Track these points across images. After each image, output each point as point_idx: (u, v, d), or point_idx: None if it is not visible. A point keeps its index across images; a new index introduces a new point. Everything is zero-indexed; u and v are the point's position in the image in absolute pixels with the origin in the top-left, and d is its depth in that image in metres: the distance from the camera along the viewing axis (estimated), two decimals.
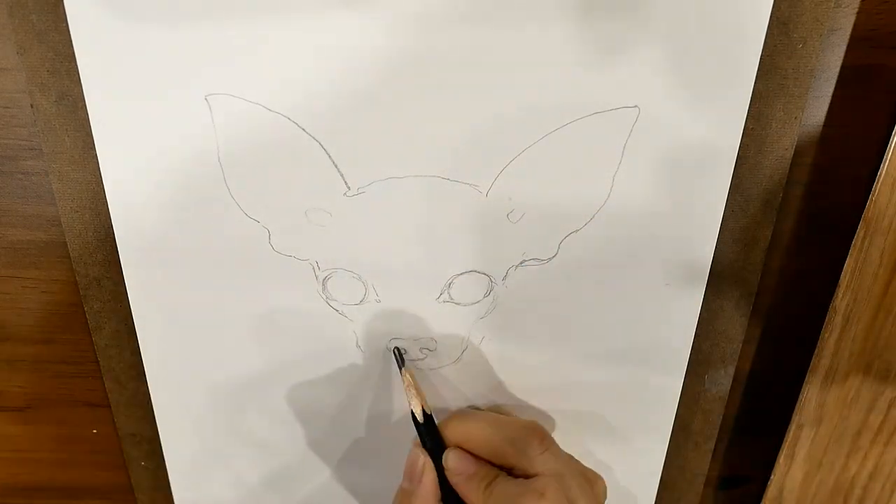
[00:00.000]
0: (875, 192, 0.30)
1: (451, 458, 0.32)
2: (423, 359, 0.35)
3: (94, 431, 0.39)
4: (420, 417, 0.33)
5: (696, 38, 0.27)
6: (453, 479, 0.32)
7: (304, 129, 0.29)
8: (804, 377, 0.35)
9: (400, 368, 0.34)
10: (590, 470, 0.33)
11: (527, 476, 0.31)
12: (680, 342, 0.35)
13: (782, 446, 0.37)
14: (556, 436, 0.37)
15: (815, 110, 0.30)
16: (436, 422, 0.33)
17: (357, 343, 0.34)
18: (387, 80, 0.28)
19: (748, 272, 0.33)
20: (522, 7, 0.27)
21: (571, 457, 0.33)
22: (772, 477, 0.38)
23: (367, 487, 0.40)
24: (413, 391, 0.33)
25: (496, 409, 0.37)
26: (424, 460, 0.32)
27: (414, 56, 0.27)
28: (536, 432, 0.32)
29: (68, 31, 0.27)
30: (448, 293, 0.33)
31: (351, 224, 0.31)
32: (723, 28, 0.27)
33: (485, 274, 0.33)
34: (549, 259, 0.32)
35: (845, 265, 0.32)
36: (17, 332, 0.36)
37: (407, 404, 0.33)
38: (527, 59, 0.27)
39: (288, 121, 0.29)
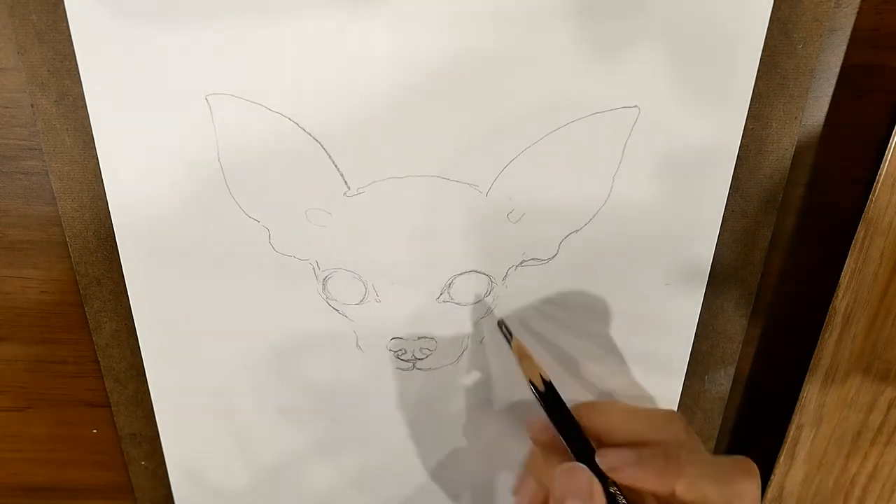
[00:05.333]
0: (875, 192, 0.30)
1: (610, 456, 0.28)
2: (423, 359, 0.35)
3: (94, 431, 0.39)
4: (541, 387, 0.30)
5: (696, 38, 0.27)
6: (620, 476, 0.27)
7: (304, 129, 0.29)
8: (804, 377, 0.35)
9: (509, 341, 0.32)
10: None
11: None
12: (680, 342, 0.35)
13: (782, 446, 0.37)
14: None
15: (815, 110, 0.30)
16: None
17: (357, 343, 0.34)
18: (387, 81, 0.28)
19: (748, 272, 0.33)
20: (522, 7, 0.27)
21: None
22: (772, 477, 0.38)
23: (368, 487, 0.40)
24: (529, 361, 0.30)
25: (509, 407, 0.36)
26: (588, 476, 0.27)
27: (414, 56, 0.27)
28: (680, 419, 0.29)
29: (68, 31, 0.27)
30: (448, 293, 0.33)
31: (351, 224, 0.31)
32: (723, 28, 0.27)
33: (485, 274, 0.33)
34: (549, 259, 0.32)
35: (845, 265, 0.32)
36: (17, 332, 0.36)
37: (408, 404, 0.33)
38: (527, 59, 0.27)
39: (288, 121, 0.29)
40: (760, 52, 0.28)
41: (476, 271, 0.32)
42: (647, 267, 0.33)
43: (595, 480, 0.27)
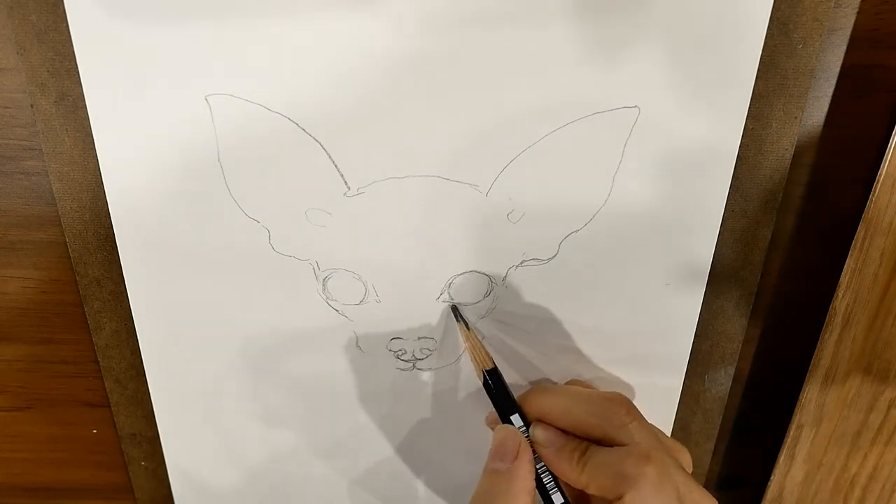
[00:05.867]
0: (875, 192, 0.30)
1: (538, 432, 0.30)
2: (423, 359, 0.35)
3: (94, 431, 0.39)
4: (482, 379, 0.31)
5: (696, 39, 0.27)
6: (542, 452, 0.30)
7: (304, 130, 0.29)
8: (804, 377, 0.35)
9: (464, 326, 0.32)
10: (675, 441, 0.32)
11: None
12: (680, 342, 0.35)
13: (782, 446, 0.37)
14: None
15: (815, 110, 0.30)
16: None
17: (357, 343, 0.34)
18: (387, 81, 0.28)
19: (748, 272, 0.33)
20: (522, 7, 0.27)
21: (656, 427, 0.31)
22: (772, 477, 0.38)
23: (368, 487, 0.40)
24: (478, 353, 0.31)
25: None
26: (519, 437, 0.30)
27: (414, 56, 0.27)
28: (621, 403, 0.30)
29: (68, 31, 0.27)
30: (448, 293, 0.33)
31: (351, 224, 0.31)
32: (723, 28, 0.27)
33: (485, 274, 0.33)
34: (549, 259, 0.32)
35: (845, 265, 0.32)
36: (17, 332, 0.36)
37: (407, 404, 0.33)
38: (527, 59, 0.27)
39: (288, 121, 0.29)
40: (760, 52, 0.28)
41: (476, 271, 0.32)
42: (647, 267, 0.33)
43: (526, 445, 0.29)
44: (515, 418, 0.31)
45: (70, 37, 0.27)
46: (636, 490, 0.26)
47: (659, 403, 0.37)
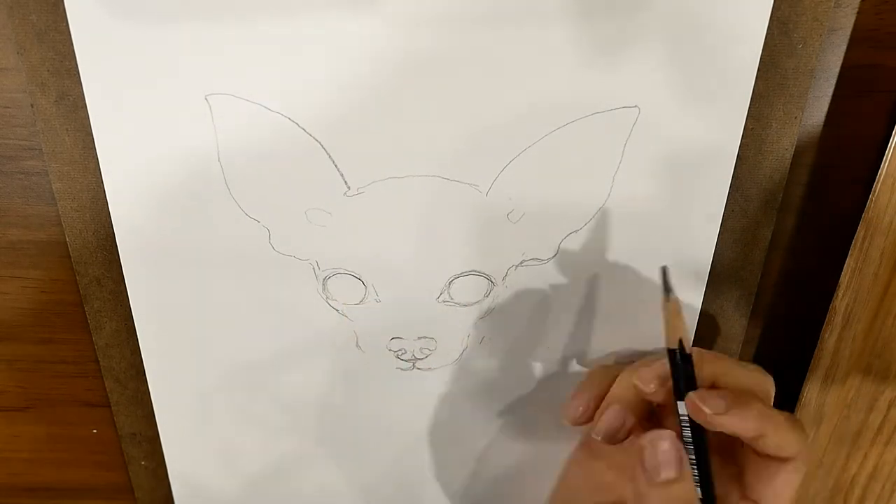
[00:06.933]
0: (875, 192, 0.30)
1: (714, 396, 0.28)
2: (423, 359, 0.35)
3: (94, 431, 0.39)
4: (688, 349, 0.29)
5: (696, 38, 0.27)
6: (722, 420, 0.27)
7: (304, 129, 0.29)
8: (804, 377, 0.35)
9: (668, 293, 0.29)
10: None
11: None
12: None
13: None
14: (557, 436, 0.38)
15: (815, 110, 0.30)
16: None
17: (357, 343, 0.34)
18: (387, 80, 0.28)
19: (748, 272, 0.33)
20: (522, 7, 0.27)
21: None
22: None
23: (368, 487, 0.40)
24: (676, 320, 0.29)
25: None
26: (676, 440, 0.28)
27: (414, 56, 0.27)
28: (767, 374, 0.29)
29: (68, 31, 0.27)
30: (448, 293, 0.33)
31: (351, 224, 0.31)
32: (723, 28, 0.27)
33: (485, 274, 0.33)
34: (549, 259, 0.32)
35: (845, 265, 0.32)
36: (17, 332, 0.36)
37: (408, 404, 0.33)
38: (527, 59, 0.27)
39: (288, 121, 0.29)
40: (760, 51, 0.28)
41: (476, 271, 0.32)
42: (647, 267, 0.33)
43: (681, 449, 0.28)
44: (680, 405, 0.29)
45: (70, 36, 0.27)
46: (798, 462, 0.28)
47: None
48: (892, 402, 0.35)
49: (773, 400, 0.29)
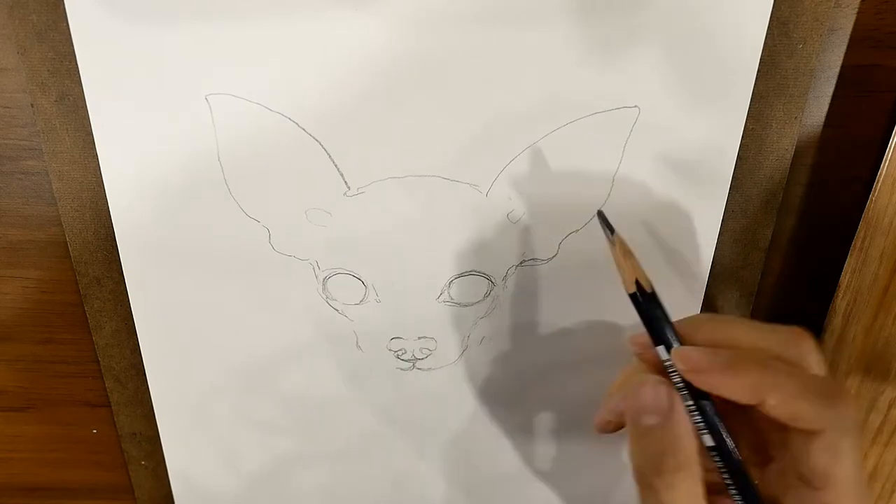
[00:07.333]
0: (875, 192, 0.30)
1: (697, 355, 0.25)
2: (423, 359, 0.35)
3: (94, 431, 0.39)
4: (648, 288, 0.26)
5: (696, 38, 0.27)
6: (703, 378, 0.24)
7: (304, 129, 0.29)
8: None
9: (610, 233, 0.27)
10: None
11: None
12: None
13: None
14: (557, 436, 0.38)
15: (815, 110, 0.30)
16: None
17: (357, 343, 0.34)
18: (387, 80, 0.28)
19: (748, 272, 0.33)
20: (522, 7, 0.27)
21: None
22: None
23: (368, 487, 0.40)
24: (626, 261, 0.27)
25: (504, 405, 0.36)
26: (666, 384, 0.25)
27: (414, 56, 0.27)
28: (810, 338, 0.25)
29: (68, 31, 0.27)
30: (448, 293, 0.33)
31: (351, 224, 0.31)
32: (723, 28, 0.27)
33: (485, 274, 0.33)
34: (549, 259, 0.32)
35: (845, 265, 0.32)
36: (17, 332, 0.36)
37: (408, 404, 0.33)
38: (527, 59, 0.27)
39: (288, 121, 0.29)
40: (760, 51, 0.28)
41: (476, 271, 0.32)
42: (646, 267, 0.32)
43: (676, 397, 0.25)
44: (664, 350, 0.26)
45: (70, 36, 0.27)
46: (843, 425, 0.23)
47: None
48: (892, 402, 0.35)
49: (814, 365, 0.25)
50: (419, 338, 0.34)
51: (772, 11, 0.27)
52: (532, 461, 0.39)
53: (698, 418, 0.25)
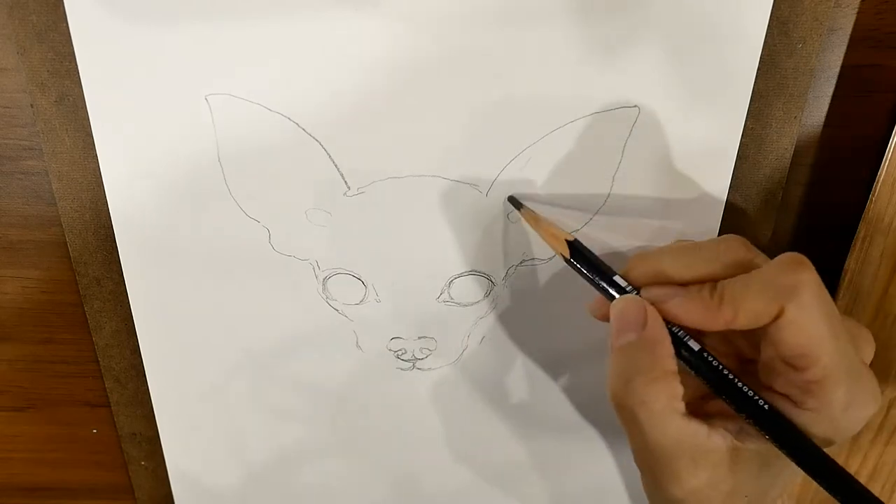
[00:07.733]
0: (875, 192, 0.30)
1: (654, 290, 0.25)
2: (423, 359, 0.35)
3: (94, 431, 0.39)
4: (566, 252, 0.26)
5: (696, 38, 0.27)
6: (667, 309, 0.25)
7: (304, 129, 0.29)
8: None
9: (520, 208, 0.28)
10: None
11: None
12: None
13: None
14: (557, 436, 0.38)
15: (815, 110, 0.30)
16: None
17: (357, 343, 0.34)
18: (387, 80, 0.28)
19: None
20: (522, 7, 0.27)
21: None
22: None
23: (368, 487, 0.40)
24: (545, 231, 0.27)
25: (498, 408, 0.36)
26: (641, 301, 0.25)
27: (414, 56, 0.27)
28: (740, 240, 0.26)
29: (68, 31, 0.27)
30: (448, 293, 0.33)
31: (351, 224, 0.31)
32: (722, 28, 0.27)
33: (485, 274, 0.33)
34: (549, 259, 0.32)
35: (845, 265, 0.32)
36: (17, 332, 0.36)
37: (408, 404, 0.33)
38: (527, 58, 0.27)
39: (288, 121, 0.29)
40: (760, 51, 0.28)
41: (476, 271, 0.32)
42: None
43: (651, 309, 0.25)
44: (621, 284, 0.27)
45: (70, 37, 0.27)
46: (797, 299, 0.22)
47: None
48: (893, 402, 0.35)
49: (754, 262, 0.25)
50: (419, 338, 0.34)
51: (771, 11, 0.27)
52: (532, 461, 0.39)
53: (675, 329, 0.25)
